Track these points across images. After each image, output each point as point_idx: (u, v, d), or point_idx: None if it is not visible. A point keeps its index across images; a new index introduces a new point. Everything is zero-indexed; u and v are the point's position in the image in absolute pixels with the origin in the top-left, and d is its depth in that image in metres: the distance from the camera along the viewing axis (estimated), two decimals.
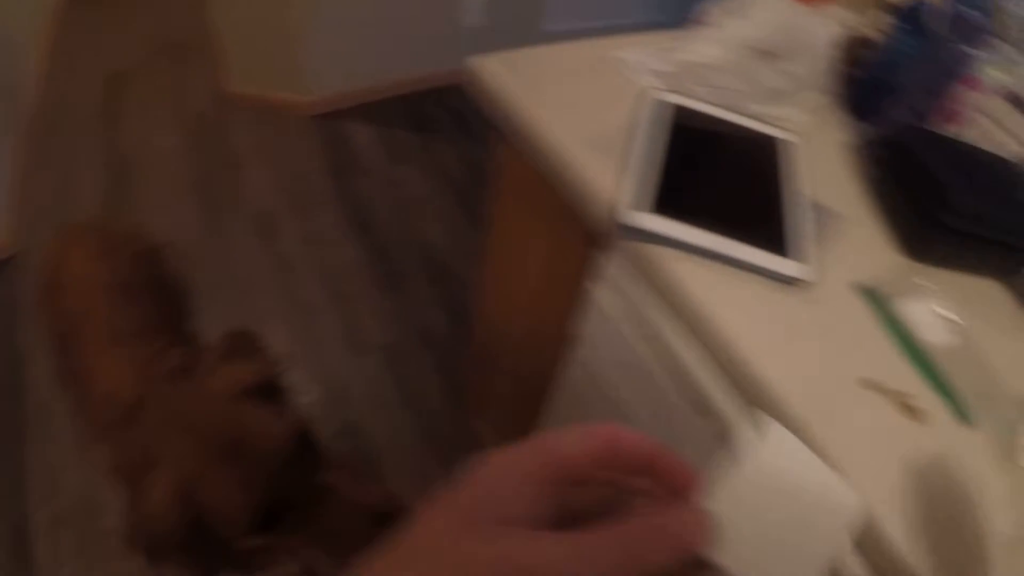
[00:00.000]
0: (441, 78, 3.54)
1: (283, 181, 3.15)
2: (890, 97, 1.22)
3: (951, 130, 1.26)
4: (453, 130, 3.37)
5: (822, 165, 1.18)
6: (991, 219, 1.02)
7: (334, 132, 3.38)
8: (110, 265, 1.41)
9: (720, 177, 1.10)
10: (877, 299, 0.96)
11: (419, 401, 2.34)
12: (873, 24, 1.37)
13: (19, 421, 2.30)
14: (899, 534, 0.71)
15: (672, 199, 0.98)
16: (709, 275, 0.93)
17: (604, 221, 1.00)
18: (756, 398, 0.84)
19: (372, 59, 3.42)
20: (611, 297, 1.13)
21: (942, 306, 0.98)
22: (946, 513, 0.75)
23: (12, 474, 2.17)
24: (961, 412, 0.86)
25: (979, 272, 1.07)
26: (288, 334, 2.50)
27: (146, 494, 0.89)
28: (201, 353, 1.10)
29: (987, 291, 1.06)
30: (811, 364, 0.86)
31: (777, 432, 0.37)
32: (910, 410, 0.84)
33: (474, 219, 2.92)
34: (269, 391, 1.02)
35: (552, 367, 1.41)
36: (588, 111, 1.16)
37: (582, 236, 1.12)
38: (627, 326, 1.10)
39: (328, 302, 2.63)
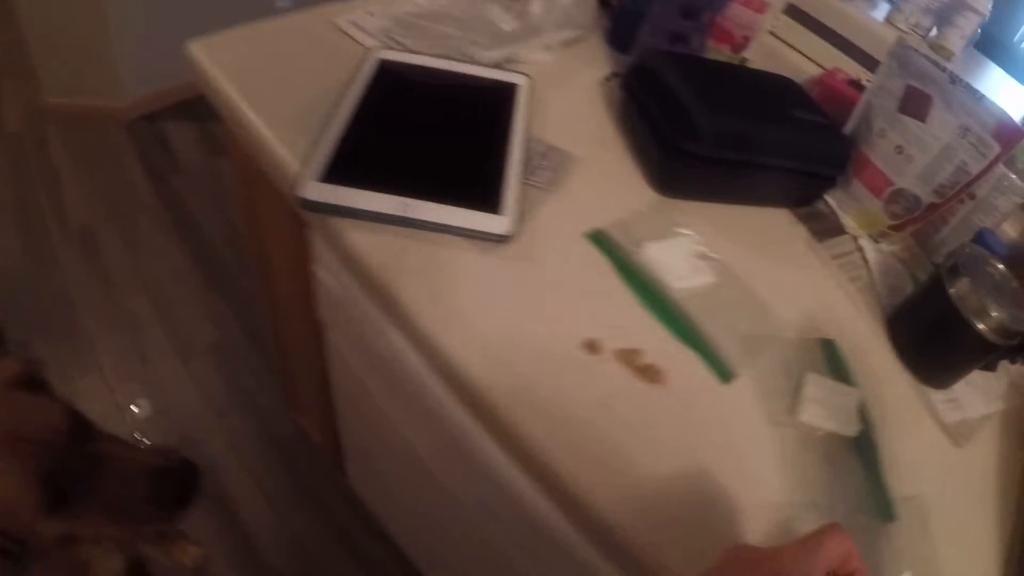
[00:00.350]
0: None
1: (103, 192, 2.99)
2: (644, 24, 1.11)
3: (725, 53, 1.17)
4: None
5: (574, 106, 1.08)
6: (756, 141, 0.93)
7: (152, 134, 3.25)
8: None
9: (424, 134, 0.96)
10: (608, 246, 0.85)
11: (251, 401, 2.24)
12: None
13: None
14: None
15: (358, 164, 0.86)
16: (397, 242, 0.81)
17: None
18: (450, 377, 0.74)
19: (182, 56, 3.24)
20: (328, 276, 1.02)
21: (705, 244, 0.89)
22: None
23: None
24: (718, 367, 0.76)
25: (760, 203, 1.00)
26: (118, 349, 2.37)
27: None
28: None
29: (773, 222, 0.98)
30: (520, 332, 0.75)
31: None
32: (642, 371, 0.74)
33: None
34: (34, 383, 0.97)
35: (322, 358, 1.32)
36: (297, 83, 1.03)
37: (294, 215, 1.00)
38: (351, 306, 1.00)
39: (155, 312, 2.50)
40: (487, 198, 0.83)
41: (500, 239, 0.81)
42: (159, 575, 1.73)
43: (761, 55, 1.20)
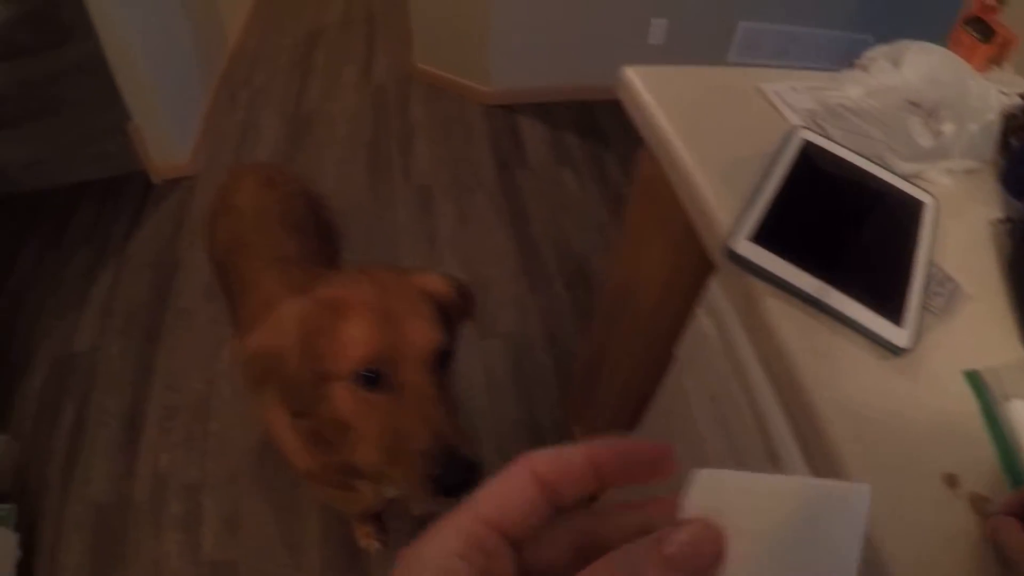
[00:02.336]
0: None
1: (449, 160, 3.23)
2: None
3: None
4: (620, 144, 3.35)
5: (962, 236, 1.10)
6: None
7: (506, 124, 3.44)
8: (278, 198, 1.60)
9: (842, 225, 1.03)
10: (981, 389, 0.88)
11: (527, 393, 2.36)
12: None
13: (160, 320, 2.56)
14: None
15: (784, 235, 0.93)
16: (805, 320, 0.88)
17: (716, 246, 0.97)
18: (824, 459, 0.80)
19: (553, 61, 3.46)
20: (711, 324, 1.09)
21: None
22: None
23: (143, 363, 2.42)
24: None
25: None
26: None
27: (286, 308, 1.01)
28: None
29: None
30: (892, 440, 0.80)
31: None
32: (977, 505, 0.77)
33: None
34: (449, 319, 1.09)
35: (654, 385, 1.37)
36: (725, 137, 1.13)
37: (699, 257, 1.08)
38: (721, 356, 1.06)
39: (468, 281, 2.64)
40: (891, 306, 0.89)
41: (896, 350, 0.86)
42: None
43: None
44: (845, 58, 1.26)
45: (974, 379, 0.88)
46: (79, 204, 3.11)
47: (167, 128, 3.03)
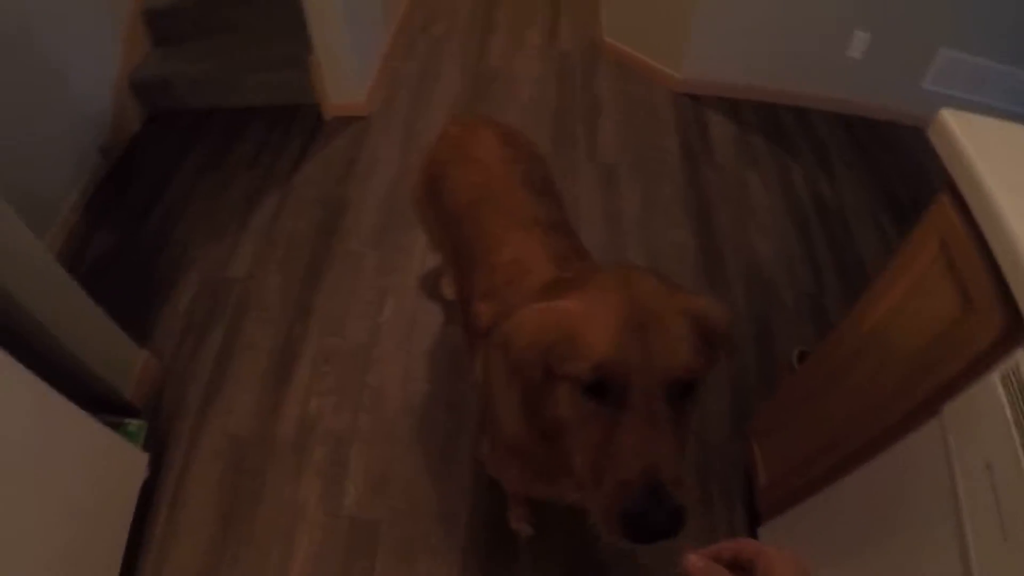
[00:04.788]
0: (808, 98, 3.39)
1: (636, 143, 3.12)
2: None
3: None
4: (807, 152, 3.17)
5: None
6: None
7: (694, 115, 3.31)
8: (520, 157, 1.55)
9: None
10: None
11: (716, 392, 2.21)
12: None
13: (323, 258, 2.52)
14: None
15: None
16: None
17: None
18: None
19: (749, 59, 3.32)
20: (1004, 394, 0.96)
21: None
22: None
23: (302, 300, 2.39)
24: None
25: None
26: None
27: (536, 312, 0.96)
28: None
29: None
30: None
31: None
32: None
33: (809, 248, 2.71)
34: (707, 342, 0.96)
35: (866, 440, 1.29)
36: None
37: (998, 319, 0.97)
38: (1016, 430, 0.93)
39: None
40: None
41: None
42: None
43: None
44: None
45: None
46: (246, 129, 3.12)
47: (347, 66, 2.99)
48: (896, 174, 3.04)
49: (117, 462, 1.71)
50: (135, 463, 1.79)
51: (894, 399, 1.23)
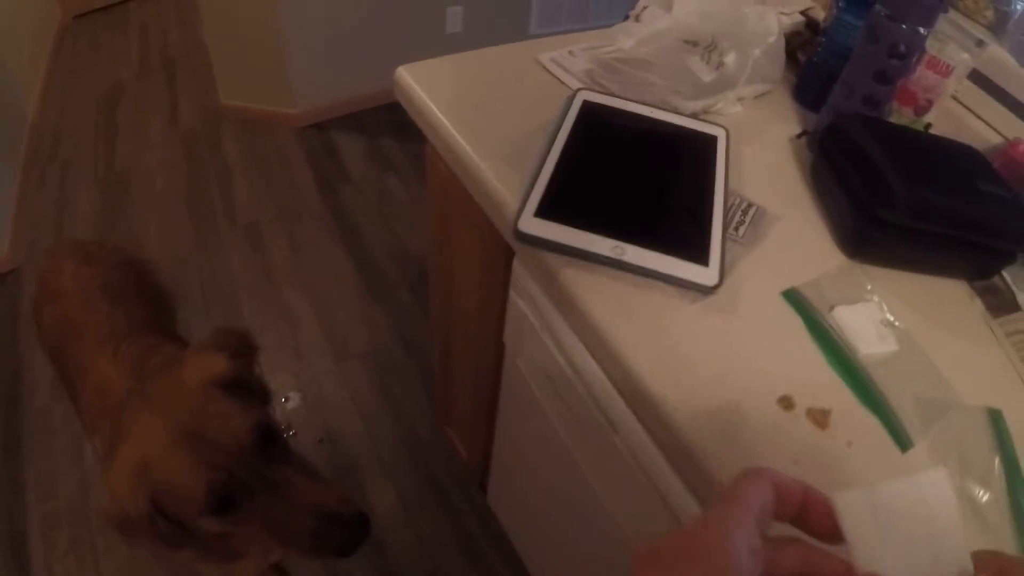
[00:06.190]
0: None
1: (272, 192, 3.16)
2: (836, 84, 1.13)
3: (908, 116, 1.17)
4: None
5: (763, 159, 1.11)
6: (943, 213, 0.93)
7: (321, 143, 3.39)
8: (99, 273, 1.53)
9: (634, 178, 1.01)
10: (802, 306, 0.88)
11: (397, 408, 2.34)
12: (826, 5, 1.30)
13: (17, 428, 2.38)
14: None
15: (572, 202, 0.91)
16: (607, 284, 0.86)
17: (507, 229, 0.94)
18: (657, 424, 0.77)
19: (356, 69, 3.41)
20: (525, 305, 1.07)
21: (890, 311, 0.91)
22: None
23: (11, 478, 2.24)
24: (898, 436, 0.77)
25: (940, 273, 0.99)
26: (274, 341, 2.52)
27: (111, 471, 0.97)
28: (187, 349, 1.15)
29: (951, 293, 0.97)
30: (721, 379, 0.78)
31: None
32: (831, 433, 0.76)
33: None
34: (244, 386, 1.08)
35: (497, 378, 1.36)
36: (503, 116, 1.10)
37: (500, 243, 1.06)
38: (542, 335, 1.04)
39: (313, 311, 2.64)
40: (694, 248, 0.87)
41: (706, 290, 0.85)
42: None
43: (943, 120, 1.19)
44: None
45: (792, 297, 0.89)
46: None
47: None
48: None
49: None
50: None
51: (483, 343, 1.34)
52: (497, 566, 1.97)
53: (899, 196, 0.91)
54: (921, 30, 1.00)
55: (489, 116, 1.09)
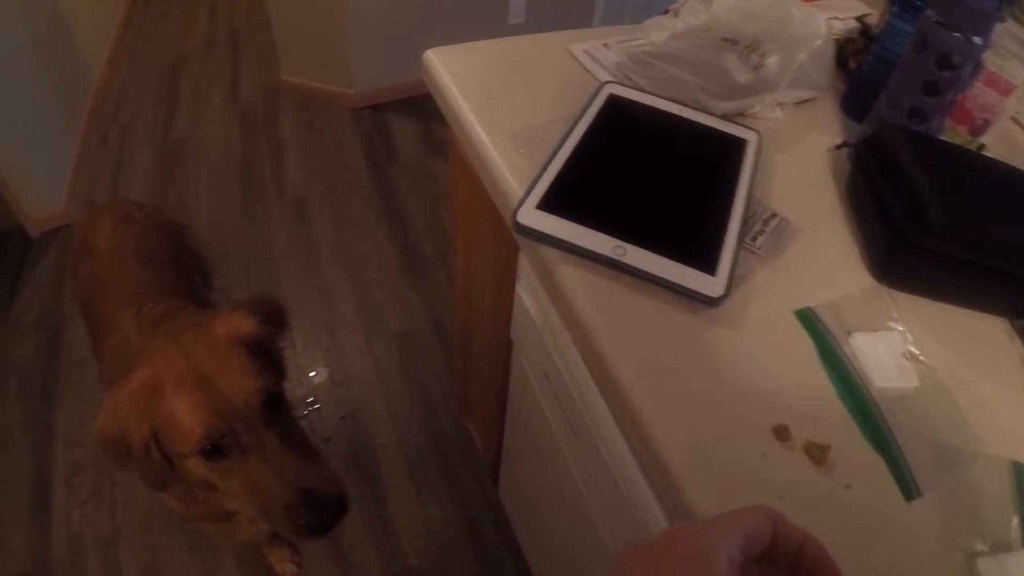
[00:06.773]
0: None
1: (322, 169, 3.19)
2: (882, 94, 1.06)
3: (961, 135, 1.09)
4: None
5: (797, 169, 1.05)
6: (986, 242, 0.85)
7: (375, 124, 3.40)
8: (135, 233, 1.58)
9: (646, 177, 0.96)
10: (815, 329, 0.82)
11: (422, 393, 2.33)
12: (879, 11, 1.23)
13: (54, 377, 2.45)
14: None
15: (579, 197, 0.87)
16: (603, 284, 0.81)
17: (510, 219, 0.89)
18: (629, 428, 0.73)
19: (415, 55, 3.35)
20: (530, 300, 1.04)
21: (915, 344, 0.84)
22: None
23: (42, 423, 2.32)
24: (903, 483, 0.70)
25: (979, 307, 0.90)
26: (309, 315, 2.54)
27: (122, 389, 1.03)
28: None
29: (988, 330, 0.89)
30: (711, 399, 0.73)
31: None
32: (828, 471, 0.70)
33: None
34: (267, 353, 1.12)
35: (506, 373, 1.34)
36: (526, 104, 1.06)
37: (509, 235, 1.01)
38: (542, 332, 1.01)
39: (351, 289, 2.65)
40: (703, 255, 0.82)
41: (710, 301, 0.80)
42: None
43: (999, 144, 1.12)
44: None
45: (806, 317, 0.83)
46: None
47: (36, 179, 2.89)
48: None
49: None
50: None
51: (497, 336, 1.31)
52: (504, 560, 1.96)
53: (931, 217, 0.84)
54: (976, 40, 0.93)
55: (511, 104, 1.06)
